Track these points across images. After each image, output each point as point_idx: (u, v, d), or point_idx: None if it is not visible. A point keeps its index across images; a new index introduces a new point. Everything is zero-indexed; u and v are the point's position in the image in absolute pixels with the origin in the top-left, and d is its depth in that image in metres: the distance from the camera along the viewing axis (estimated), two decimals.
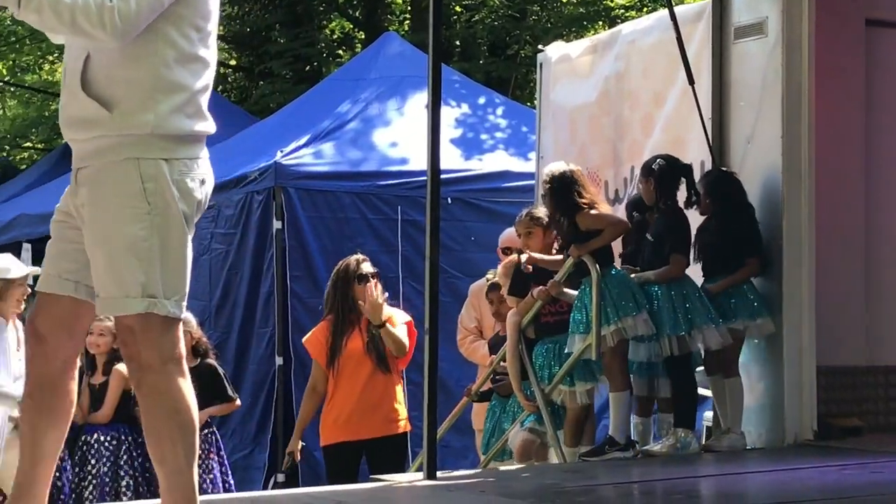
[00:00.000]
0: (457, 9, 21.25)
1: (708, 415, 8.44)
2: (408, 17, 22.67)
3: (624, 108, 9.16)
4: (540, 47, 10.58)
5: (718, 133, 8.10)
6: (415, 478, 6.92)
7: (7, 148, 26.57)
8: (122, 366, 8.97)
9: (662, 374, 7.58)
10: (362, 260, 8.53)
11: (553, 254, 7.80)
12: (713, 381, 7.62)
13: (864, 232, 8.39)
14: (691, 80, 8.12)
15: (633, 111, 9.09)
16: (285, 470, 8.82)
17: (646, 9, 20.81)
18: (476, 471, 7.85)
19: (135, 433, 8.92)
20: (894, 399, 8.36)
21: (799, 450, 7.50)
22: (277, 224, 11.36)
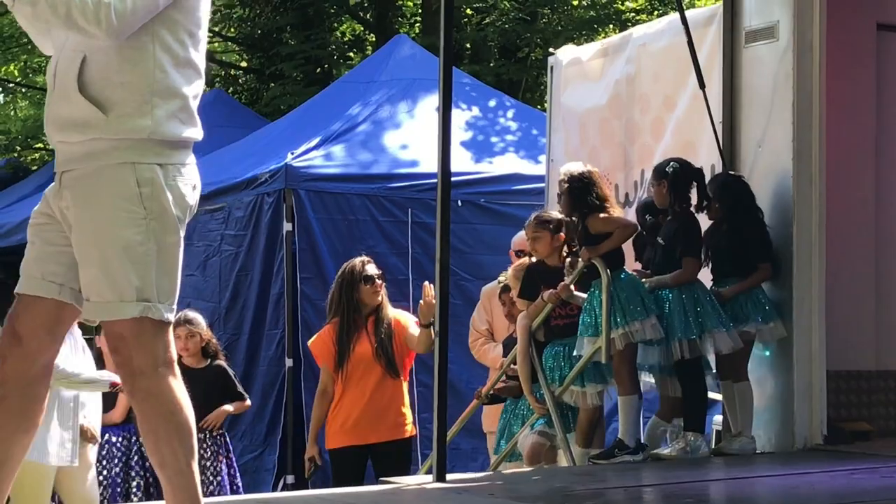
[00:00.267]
0: (468, 11, 21.25)
1: (718, 419, 8.44)
2: (419, 20, 22.69)
3: (634, 111, 9.16)
4: (551, 50, 10.60)
5: (729, 137, 8.09)
6: (424, 480, 6.92)
7: (18, 149, 26.63)
8: None
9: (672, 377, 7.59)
10: (367, 261, 8.53)
11: (563, 256, 7.81)
12: (724, 386, 7.62)
13: (874, 236, 8.38)
14: (702, 84, 8.12)
15: (644, 115, 9.09)
16: (308, 477, 8.73)
17: (657, 12, 20.82)
18: (485, 473, 7.85)
19: None
20: None
21: (808, 454, 7.50)
22: (288, 226, 11.37)
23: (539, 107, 16.66)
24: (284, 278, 11.36)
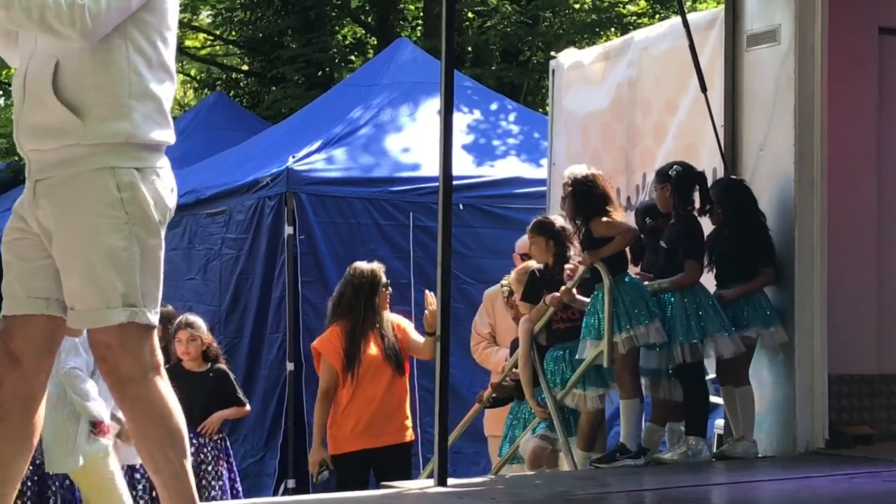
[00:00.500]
0: (469, 15, 21.27)
1: (719, 423, 8.43)
2: (420, 23, 22.70)
3: (636, 115, 9.16)
4: (552, 54, 10.60)
5: (731, 141, 8.09)
6: (426, 485, 6.92)
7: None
8: None
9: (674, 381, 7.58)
10: (382, 267, 8.55)
11: (551, 263, 7.82)
12: (725, 391, 7.61)
13: (876, 239, 8.37)
14: (704, 88, 8.11)
15: (646, 118, 9.09)
16: (319, 482, 8.54)
17: (658, 16, 20.83)
18: (487, 478, 7.84)
19: None
20: None
21: (810, 458, 7.49)
22: (289, 229, 11.37)
23: (541, 110, 16.68)
24: (286, 282, 11.36)
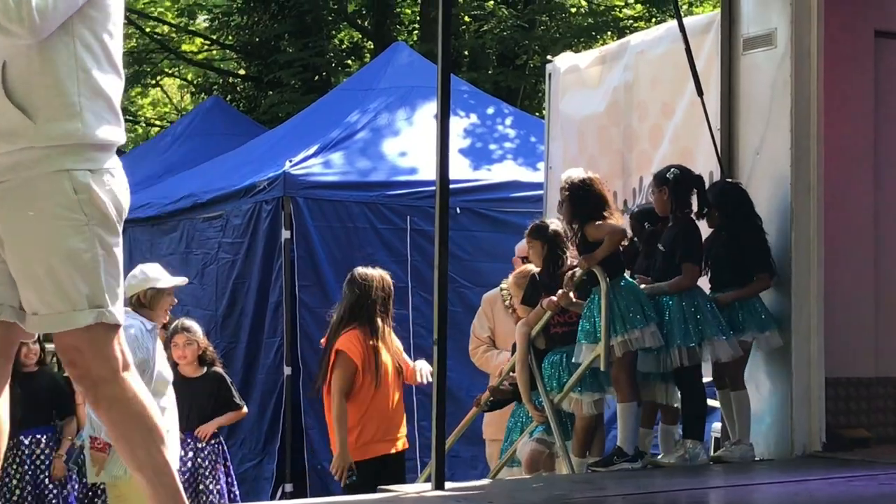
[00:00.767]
0: (466, 19, 21.29)
1: (716, 426, 8.43)
2: (416, 28, 22.72)
3: (633, 118, 9.16)
4: (549, 57, 10.59)
5: (727, 144, 8.09)
6: (423, 488, 6.91)
7: None
8: None
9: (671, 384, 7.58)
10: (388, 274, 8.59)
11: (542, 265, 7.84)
12: (721, 394, 7.61)
13: (873, 243, 8.38)
14: (700, 92, 8.12)
15: (642, 122, 9.09)
16: (348, 487, 8.23)
17: (654, 19, 20.86)
18: (484, 481, 7.84)
19: None
20: None
21: (807, 461, 7.49)
22: (286, 234, 11.37)
23: (537, 114, 16.70)
24: (283, 286, 11.37)
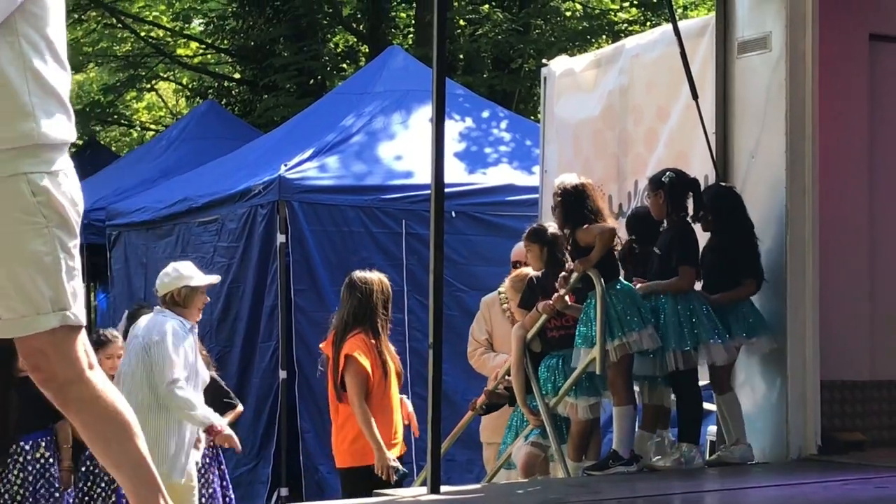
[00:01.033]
0: (461, 23, 21.30)
1: (712, 429, 8.43)
2: (412, 31, 22.73)
3: (628, 122, 9.17)
4: (544, 61, 10.60)
5: (722, 148, 8.10)
6: (419, 492, 6.92)
7: None
8: None
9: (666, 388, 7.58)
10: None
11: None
12: (718, 398, 7.60)
13: (868, 246, 8.38)
14: (695, 95, 8.13)
15: (637, 125, 9.09)
16: (397, 484, 8.09)
17: (649, 23, 20.87)
18: (480, 485, 7.84)
19: None
20: None
21: (802, 464, 7.49)
22: (281, 238, 11.37)
23: (532, 118, 16.70)
24: (278, 290, 11.37)
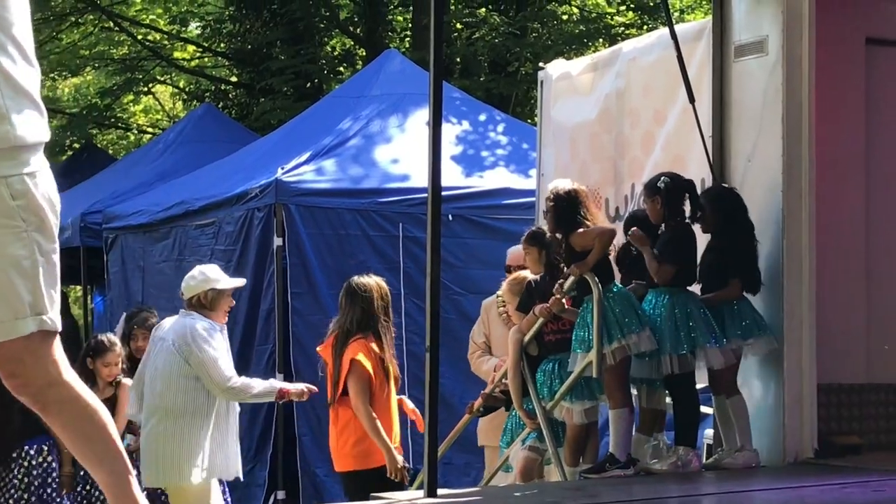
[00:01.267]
0: (458, 26, 21.29)
1: (709, 432, 8.43)
2: (408, 35, 22.72)
3: (625, 125, 9.17)
4: (541, 65, 10.60)
5: (719, 151, 8.10)
6: (415, 496, 6.91)
7: None
8: (128, 379, 9.01)
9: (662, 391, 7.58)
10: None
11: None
12: (717, 401, 7.59)
13: (864, 249, 8.39)
14: (692, 99, 8.13)
15: (634, 129, 9.10)
16: (416, 487, 8.04)
17: (646, 27, 20.86)
18: (477, 489, 7.84)
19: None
20: (894, 417, 8.35)
21: (799, 468, 7.49)
22: (278, 241, 11.37)
23: (529, 121, 16.70)
24: (275, 293, 11.36)
